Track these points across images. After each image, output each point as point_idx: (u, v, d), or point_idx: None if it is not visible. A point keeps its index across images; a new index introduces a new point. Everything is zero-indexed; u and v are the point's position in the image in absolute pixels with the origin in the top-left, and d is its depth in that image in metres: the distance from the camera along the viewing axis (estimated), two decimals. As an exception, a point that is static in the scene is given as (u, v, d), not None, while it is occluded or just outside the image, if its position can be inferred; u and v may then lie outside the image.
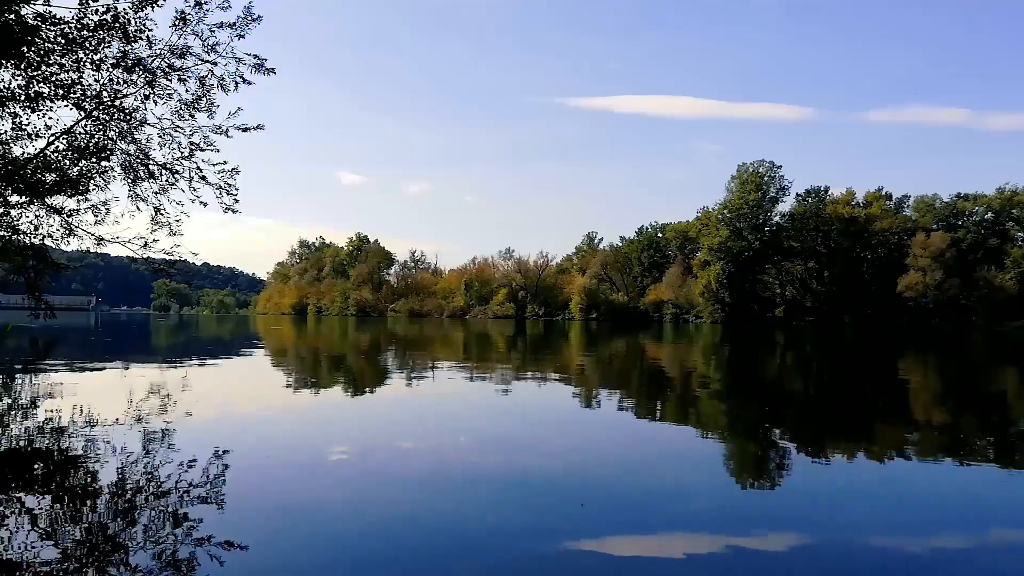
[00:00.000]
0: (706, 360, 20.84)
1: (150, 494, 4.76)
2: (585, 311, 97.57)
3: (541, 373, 15.15)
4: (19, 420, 7.64)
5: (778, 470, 6.02)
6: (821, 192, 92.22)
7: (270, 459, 6.08)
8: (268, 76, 11.33)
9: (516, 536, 4.14)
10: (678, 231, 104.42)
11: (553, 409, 9.86)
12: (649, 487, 5.41)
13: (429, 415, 9.09)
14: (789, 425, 8.71)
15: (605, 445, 7.10)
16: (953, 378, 16.16)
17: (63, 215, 11.64)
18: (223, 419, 8.34)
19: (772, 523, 4.47)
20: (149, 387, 11.19)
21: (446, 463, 6.10)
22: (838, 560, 3.82)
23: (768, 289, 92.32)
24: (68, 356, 18.91)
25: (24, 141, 10.90)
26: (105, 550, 3.70)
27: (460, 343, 29.94)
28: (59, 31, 9.95)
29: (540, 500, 4.90)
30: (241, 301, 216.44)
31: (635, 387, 13.08)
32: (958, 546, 4.15)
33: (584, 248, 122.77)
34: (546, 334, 42.62)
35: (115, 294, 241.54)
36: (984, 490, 5.44)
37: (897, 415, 9.65)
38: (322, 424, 8.22)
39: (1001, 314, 77.21)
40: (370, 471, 5.75)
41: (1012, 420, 9.45)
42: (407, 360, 19.11)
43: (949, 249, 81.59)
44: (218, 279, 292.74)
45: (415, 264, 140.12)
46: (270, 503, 4.69)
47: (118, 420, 7.55)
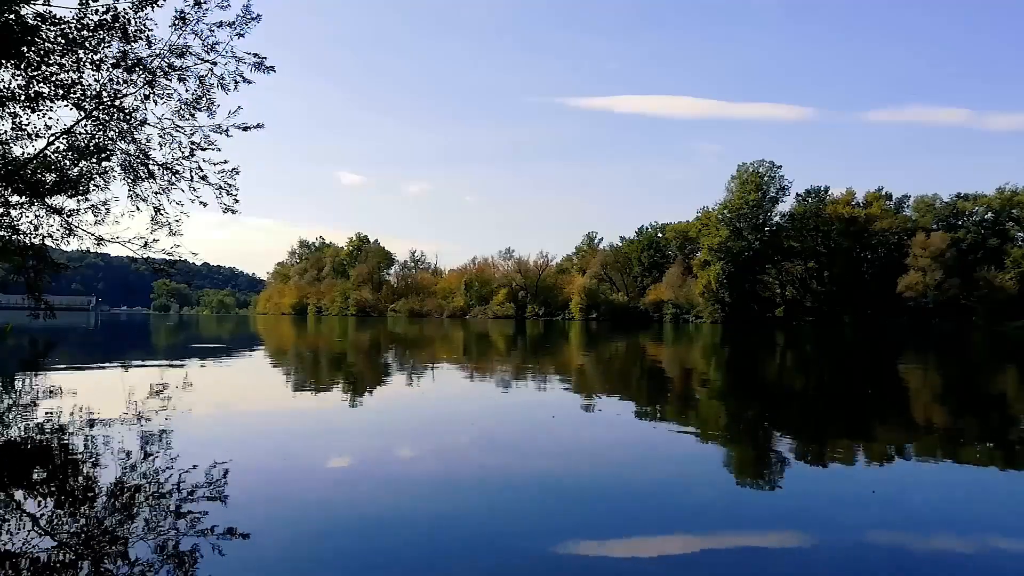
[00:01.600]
0: (706, 360, 20.84)
1: (151, 492, 4.76)
2: (585, 311, 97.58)
3: (541, 373, 15.15)
4: (19, 420, 7.64)
5: (778, 470, 6.02)
6: (821, 192, 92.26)
7: (270, 458, 6.08)
8: (268, 75, 11.32)
9: (516, 536, 4.14)
10: (678, 231, 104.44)
11: (553, 409, 9.85)
12: (649, 487, 5.41)
13: (429, 415, 9.08)
14: (789, 425, 8.71)
15: (605, 445, 7.10)
16: (953, 378, 16.16)
17: (63, 215, 11.64)
18: (223, 419, 8.34)
19: (772, 523, 4.47)
20: (149, 387, 11.19)
21: (446, 463, 6.10)
22: (838, 560, 3.82)
23: (768, 289, 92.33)
24: (68, 356, 18.91)
25: (24, 141, 10.90)
26: (106, 549, 3.70)
27: (460, 343, 29.94)
28: (59, 31, 9.95)
29: (540, 500, 4.90)
30: (241, 301, 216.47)
31: (635, 387, 13.08)
32: (958, 546, 4.15)
33: (584, 248, 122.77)
34: (546, 334, 42.61)
35: (115, 294, 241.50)
36: (984, 490, 5.45)
37: (897, 415, 9.65)
38: (322, 423, 8.22)
39: (1001, 314, 77.21)
40: (370, 470, 5.75)
41: (1012, 420, 9.44)
42: (407, 360, 19.11)
43: (949, 249, 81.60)
44: (218, 279, 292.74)
45: (415, 264, 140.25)
46: (270, 502, 4.69)
47: (118, 419, 7.56)
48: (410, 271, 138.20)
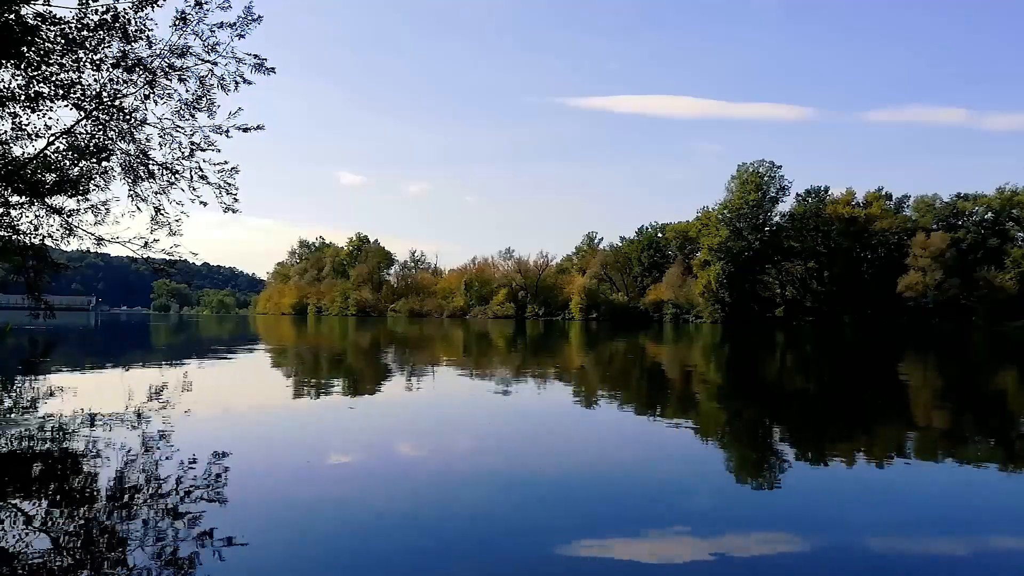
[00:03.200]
0: (706, 360, 20.84)
1: (150, 493, 4.76)
2: (585, 311, 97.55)
3: (541, 373, 15.15)
4: (19, 420, 7.63)
5: (778, 470, 6.02)
6: (821, 192, 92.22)
7: (270, 458, 6.09)
8: (268, 76, 11.30)
9: (516, 536, 4.14)
10: (678, 231, 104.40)
11: (553, 409, 9.85)
12: (649, 487, 5.41)
13: (429, 415, 9.08)
14: (789, 425, 8.71)
15: (605, 445, 7.10)
16: (953, 378, 16.16)
17: (63, 215, 11.64)
18: (223, 419, 8.34)
19: (772, 523, 4.47)
20: (149, 387, 11.19)
21: (446, 463, 6.10)
22: (838, 560, 3.82)
23: (768, 289, 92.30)
24: (68, 356, 18.91)
25: (24, 141, 10.90)
26: (107, 549, 3.70)
27: (460, 343, 29.94)
28: (59, 31, 9.94)
29: (540, 500, 4.90)
30: (241, 301, 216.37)
31: (635, 387, 13.07)
32: (958, 547, 4.15)
33: (584, 248, 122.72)
34: (546, 334, 42.61)
35: (115, 294, 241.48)
36: (984, 491, 5.45)
37: (897, 415, 9.65)
38: (322, 423, 8.22)
39: (1001, 314, 77.19)
40: (370, 470, 5.75)
41: (1012, 421, 9.44)
42: (407, 360, 19.11)
43: (949, 249, 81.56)
44: (218, 279, 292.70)
45: (415, 264, 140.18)
46: (270, 502, 4.69)
47: (118, 420, 7.55)
48: (410, 271, 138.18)
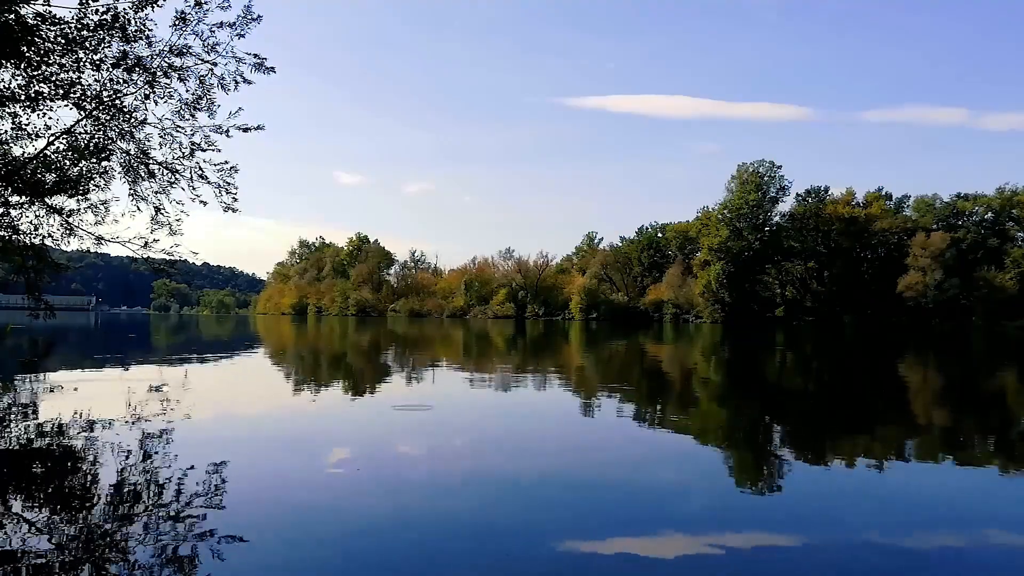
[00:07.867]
0: (706, 360, 20.84)
1: (151, 493, 4.76)
2: (585, 311, 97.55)
3: (541, 373, 15.14)
4: (19, 420, 7.63)
5: (777, 470, 6.01)
6: (821, 192, 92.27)
7: (270, 459, 6.08)
8: (268, 75, 11.34)
9: (515, 536, 4.14)
10: (678, 231, 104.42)
11: (553, 409, 9.85)
12: (649, 487, 5.40)
13: (428, 415, 9.08)
14: (789, 425, 8.71)
15: (605, 445, 7.09)
16: (953, 378, 16.15)
17: (63, 215, 11.64)
18: (223, 419, 8.34)
19: (771, 523, 4.47)
20: (149, 387, 11.18)
21: (445, 463, 6.10)
22: (838, 560, 3.82)
23: (768, 289, 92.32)
24: (68, 356, 18.91)
25: (24, 141, 10.91)
26: (105, 551, 3.70)
27: (460, 343, 29.93)
28: (59, 31, 9.95)
29: (539, 500, 4.90)
30: (241, 301, 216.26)
31: (635, 387, 13.07)
32: (958, 547, 4.15)
33: (584, 248, 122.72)
34: (546, 334, 42.61)
35: (115, 294, 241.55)
36: (984, 491, 5.44)
37: (897, 415, 9.65)
38: (322, 424, 8.22)
39: (1001, 314, 77.21)
40: (369, 471, 5.74)
41: (1012, 420, 9.44)
42: (407, 360, 19.11)
43: (949, 249, 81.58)
44: (218, 279, 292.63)
45: (415, 264, 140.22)
46: (270, 503, 4.69)
47: (118, 420, 7.55)
48: (410, 271, 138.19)
